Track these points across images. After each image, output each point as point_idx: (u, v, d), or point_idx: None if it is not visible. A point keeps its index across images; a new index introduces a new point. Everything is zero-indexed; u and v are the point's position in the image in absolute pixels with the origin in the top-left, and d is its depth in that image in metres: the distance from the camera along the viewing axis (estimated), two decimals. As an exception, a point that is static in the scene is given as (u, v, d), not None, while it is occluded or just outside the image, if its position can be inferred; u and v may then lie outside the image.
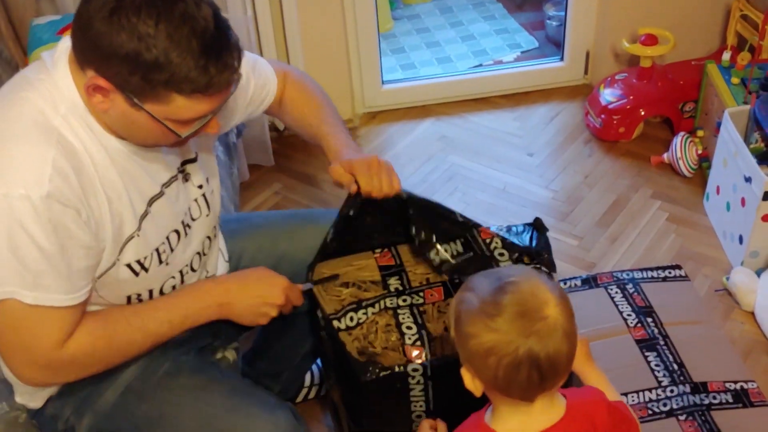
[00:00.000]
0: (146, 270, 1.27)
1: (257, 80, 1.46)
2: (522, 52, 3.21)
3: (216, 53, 1.07)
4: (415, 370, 1.34)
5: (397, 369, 1.33)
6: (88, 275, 1.19)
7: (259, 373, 1.70)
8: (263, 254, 1.54)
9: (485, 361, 1.04)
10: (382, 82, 2.85)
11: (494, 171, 2.59)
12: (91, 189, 1.16)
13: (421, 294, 1.46)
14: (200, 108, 1.12)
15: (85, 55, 1.09)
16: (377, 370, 1.32)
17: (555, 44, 3.18)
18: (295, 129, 1.57)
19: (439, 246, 1.47)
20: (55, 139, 1.12)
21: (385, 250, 1.55)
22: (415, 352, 1.37)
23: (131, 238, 1.22)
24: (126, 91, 1.09)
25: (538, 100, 2.90)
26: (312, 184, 2.59)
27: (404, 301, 1.45)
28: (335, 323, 1.40)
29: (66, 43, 1.16)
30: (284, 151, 2.69)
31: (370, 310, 1.43)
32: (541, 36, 3.30)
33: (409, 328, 1.41)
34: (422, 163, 2.65)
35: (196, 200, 1.36)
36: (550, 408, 1.10)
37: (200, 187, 1.37)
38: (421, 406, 1.39)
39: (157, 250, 1.28)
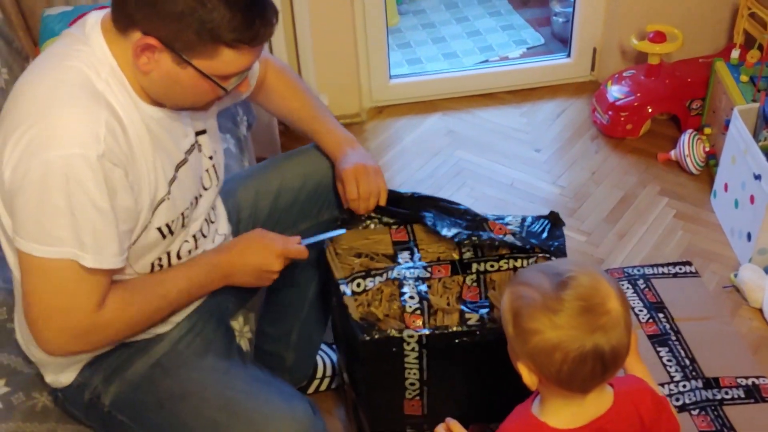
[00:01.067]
0: (172, 233, 1.31)
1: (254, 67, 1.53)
2: (528, 49, 3.22)
3: (260, 8, 1.16)
4: (410, 336, 1.37)
5: (392, 333, 1.37)
6: (129, 238, 1.22)
7: (268, 339, 1.75)
8: (260, 196, 1.61)
9: (551, 357, 1.05)
10: (390, 77, 2.85)
11: (501, 166, 2.60)
12: (132, 150, 1.20)
13: (429, 269, 1.50)
14: (242, 62, 1.19)
15: (133, 17, 1.14)
16: (374, 333, 1.36)
17: (561, 41, 3.19)
18: (279, 116, 1.69)
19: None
20: (103, 101, 1.16)
21: (401, 227, 1.59)
22: (414, 321, 1.41)
23: (162, 201, 1.27)
24: (175, 49, 1.14)
25: (545, 96, 2.91)
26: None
27: (411, 273, 1.49)
28: (342, 287, 1.45)
29: (94, 16, 1.22)
30: (292, 144, 2.68)
31: (377, 279, 1.48)
32: (547, 32, 3.30)
33: (411, 297, 1.45)
34: (429, 158, 2.65)
35: (207, 170, 1.42)
36: (600, 398, 1.12)
37: (210, 158, 1.43)
38: (414, 374, 1.42)
39: (182, 213, 1.33)
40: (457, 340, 1.37)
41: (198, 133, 1.39)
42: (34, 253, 1.14)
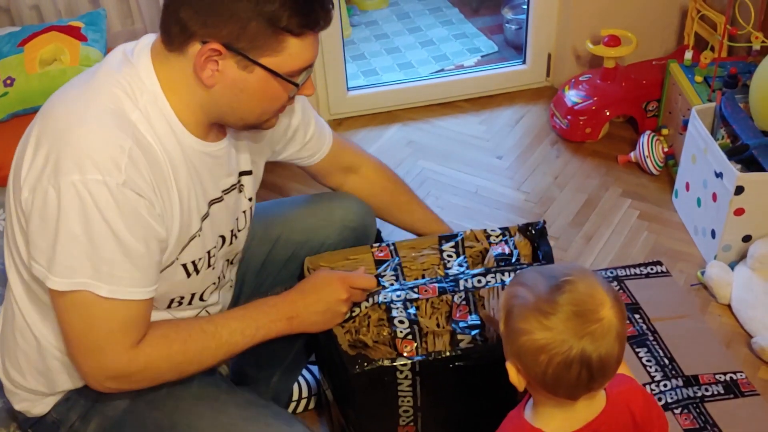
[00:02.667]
0: (197, 272, 1.26)
1: (319, 127, 1.53)
2: (482, 56, 3.23)
3: None
4: (403, 365, 1.34)
5: (385, 363, 1.33)
6: (158, 270, 1.17)
7: (246, 379, 1.68)
8: (257, 241, 1.54)
9: (536, 358, 1.03)
10: (348, 89, 2.83)
11: (465, 174, 2.60)
12: (164, 184, 1.15)
13: (416, 290, 1.46)
14: (307, 53, 1.16)
15: (188, 29, 1.11)
16: (366, 364, 1.32)
17: (514, 47, 3.21)
18: (375, 204, 1.66)
19: None
20: (131, 131, 1.11)
21: (383, 245, 1.55)
22: (406, 346, 1.37)
23: (194, 237, 1.23)
24: (241, 50, 1.11)
25: (503, 103, 2.92)
26: (282, 194, 2.55)
27: (398, 295, 1.44)
28: None
29: (148, 38, 1.19)
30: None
31: (363, 303, 1.43)
32: (500, 40, 3.33)
33: (401, 322, 1.41)
34: (393, 169, 2.61)
35: (244, 212, 1.38)
36: (593, 400, 1.11)
37: (250, 200, 1.39)
38: (408, 401, 1.39)
39: (209, 252, 1.28)
40: (450, 365, 1.34)
41: (243, 173, 1.34)
42: (48, 284, 1.09)
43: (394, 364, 1.33)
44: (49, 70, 2.07)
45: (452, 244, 1.56)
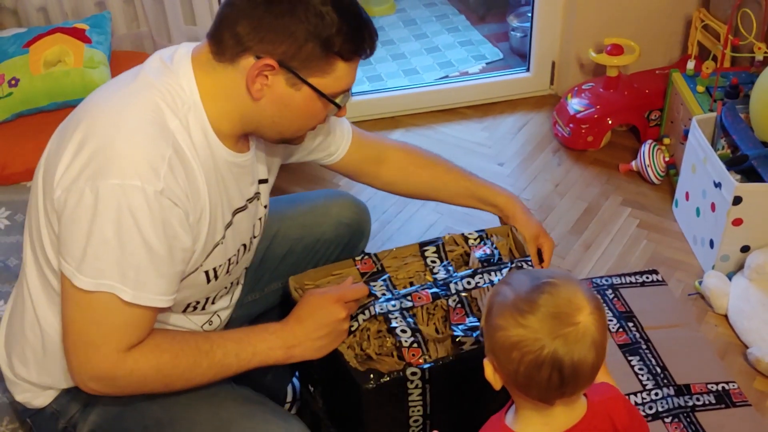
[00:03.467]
0: (216, 278, 1.29)
1: (338, 124, 1.55)
2: (487, 63, 3.24)
3: (367, 20, 1.22)
4: (413, 374, 1.33)
5: (396, 374, 1.32)
6: (179, 279, 1.19)
7: (239, 380, 1.68)
8: None
9: (509, 354, 1.04)
10: (351, 94, 2.83)
11: (466, 181, 2.60)
12: (197, 193, 1.18)
13: (409, 298, 1.46)
14: (351, 76, 1.22)
15: (243, 43, 1.14)
16: (377, 377, 1.31)
17: (519, 55, 3.22)
18: (422, 190, 1.68)
19: None
20: (171, 139, 1.14)
21: (365, 257, 1.54)
22: (413, 355, 1.36)
23: (218, 245, 1.25)
24: (293, 68, 1.16)
25: (506, 111, 2.93)
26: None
27: (393, 306, 1.44)
28: None
29: (186, 47, 1.22)
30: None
31: (360, 317, 1.42)
32: (505, 47, 3.33)
33: (404, 331, 1.40)
34: (394, 174, 2.64)
35: (260, 219, 1.41)
36: (573, 408, 1.11)
37: (265, 207, 1.42)
38: (418, 410, 1.38)
39: (229, 260, 1.31)
40: (459, 369, 1.34)
41: (260, 182, 1.38)
42: (74, 281, 1.11)
43: (405, 374, 1.33)
44: (53, 72, 2.10)
45: (433, 249, 1.57)
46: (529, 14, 2.87)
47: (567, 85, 2.84)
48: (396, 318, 1.42)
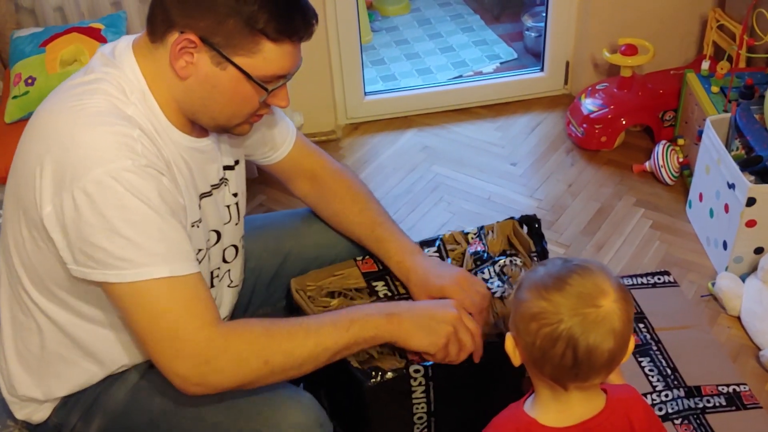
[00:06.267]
0: (198, 263, 1.24)
1: (283, 123, 1.49)
2: (501, 63, 3.24)
3: (302, 6, 1.16)
4: (416, 371, 1.34)
5: (399, 372, 1.33)
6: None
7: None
8: (268, 253, 1.55)
9: (528, 325, 1.06)
10: (365, 94, 2.85)
11: (478, 181, 2.60)
12: (171, 170, 1.17)
13: (406, 296, 1.45)
14: (283, 62, 1.16)
15: (170, 16, 1.13)
16: (380, 375, 1.31)
17: (534, 55, 3.21)
18: (330, 216, 1.54)
19: None
20: (135, 122, 1.14)
21: (367, 257, 1.54)
22: (415, 352, 1.35)
23: (195, 225, 1.23)
24: (215, 45, 1.12)
25: (519, 111, 2.92)
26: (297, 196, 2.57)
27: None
28: None
29: (126, 39, 1.21)
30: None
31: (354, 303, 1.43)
32: (520, 47, 3.33)
33: None
34: (406, 174, 2.65)
35: (228, 207, 1.38)
36: (589, 400, 1.12)
37: (235, 195, 1.39)
38: (422, 407, 1.39)
39: (206, 244, 1.29)
40: (464, 365, 1.34)
41: (226, 168, 1.36)
42: (111, 281, 1.08)
43: (408, 371, 1.33)
44: (69, 71, 2.12)
45: (434, 249, 1.57)
46: (544, 14, 2.86)
47: (581, 85, 2.83)
48: None
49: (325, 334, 1.18)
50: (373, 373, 1.31)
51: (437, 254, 1.56)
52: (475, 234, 1.59)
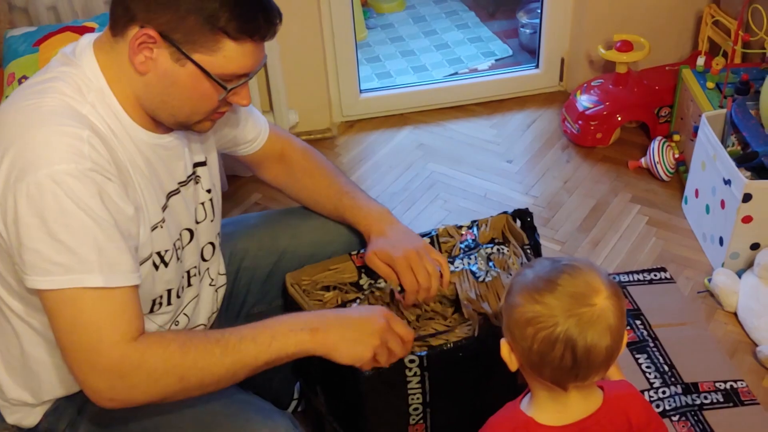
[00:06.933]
0: (166, 264, 1.25)
1: (254, 118, 1.49)
2: (496, 60, 3.23)
3: (265, 6, 1.15)
4: (411, 361, 1.34)
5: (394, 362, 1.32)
6: (136, 255, 1.15)
7: (245, 385, 1.67)
8: (264, 252, 1.54)
9: (524, 330, 1.06)
10: (360, 91, 2.84)
11: (474, 178, 2.60)
12: (124, 171, 1.15)
13: (400, 290, 1.45)
14: (244, 61, 1.15)
15: (130, 10, 1.11)
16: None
17: (529, 52, 3.21)
18: (302, 196, 1.56)
19: None
20: (87, 122, 1.12)
21: (361, 251, 1.53)
22: None
23: (156, 227, 1.22)
24: (174, 41, 1.11)
25: (514, 108, 2.92)
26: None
27: (382, 291, 1.45)
28: None
29: (87, 37, 1.19)
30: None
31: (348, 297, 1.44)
32: (515, 44, 3.33)
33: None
34: (402, 172, 2.64)
35: (203, 204, 1.37)
36: (587, 398, 1.12)
37: (209, 191, 1.38)
38: (418, 398, 1.39)
39: (174, 244, 1.27)
40: (459, 356, 1.35)
41: (197, 165, 1.34)
42: (40, 288, 1.07)
43: (404, 361, 1.33)
44: (62, 70, 2.11)
45: (427, 241, 1.56)
46: (539, 11, 2.86)
47: (576, 81, 2.83)
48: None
49: (243, 351, 1.15)
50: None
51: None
52: (468, 227, 1.60)
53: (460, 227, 1.61)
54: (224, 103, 1.21)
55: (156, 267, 1.24)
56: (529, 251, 1.55)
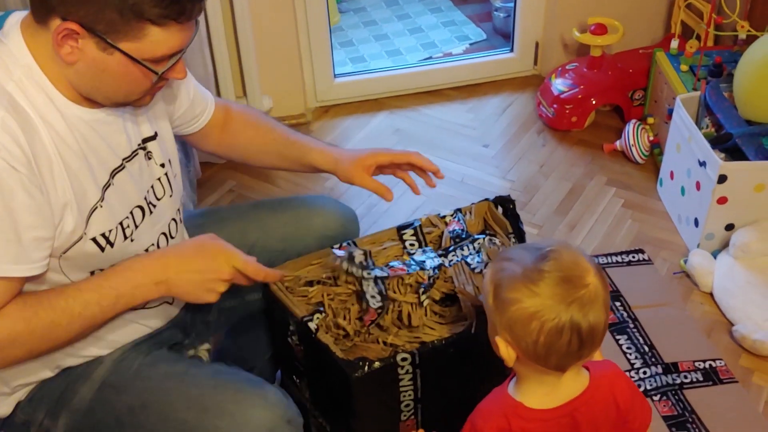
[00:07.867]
0: (111, 245, 1.22)
1: (200, 91, 1.48)
2: (470, 44, 3.23)
3: None
4: (404, 359, 1.33)
5: (386, 361, 1.31)
6: (43, 248, 1.12)
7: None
8: (233, 245, 1.49)
9: (527, 326, 1.05)
10: (334, 76, 2.82)
11: (451, 163, 2.59)
12: (45, 156, 1.11)
13: (385, 269, 1.44)
14: (172, 42, 1.12)
15: (49, 2, 1.07)
16: (367, 365, 1.29)
17: (503, 36, 3.21)
18: (252, 154, 1.57)
19: None
20: (6, 102, 1.09)
21: (344, 245, 1.51)
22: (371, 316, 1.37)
23: (95, 208, 1.19)
24: (98, 32, 1.07)
25: (490, 92, 2.92)
26: (267, 181, 2.54)
27: (368, 274, 1.42)
28: (310, 325, 1.36)
29: (17, 15, 1.15)
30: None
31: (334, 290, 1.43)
32: (488, 28, 3.32)
33: (373, 297, 1.38)
34: (378, 157, 2.62)
35: (159, 179, 1.34)
36: (575, 379, 1.12)
37: (162, 166, 1.34)
38: (409, 395, 1.38)
39: (121, 224, 1.24)
40: (451, 351, 1.34)
41: (146, 140, 1.31)
42: None
43: (395, 359, 1.31)
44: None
45: (411, 232, 1.56)
46: (512, -6, 2.86)
47: (551, 65, 2.83)
48: (368, 284, 1.40)
49: (89, 317, 1.17)
50: (360, 363, 1.29)
51: (414, 237, 1.55)
52: (452, 215, 1.59)
53: (443, 216, 1.59)
54: (160, 79, 1.18)
55: (102, 248, 1.21)
56: (513, 239, 1.54)
